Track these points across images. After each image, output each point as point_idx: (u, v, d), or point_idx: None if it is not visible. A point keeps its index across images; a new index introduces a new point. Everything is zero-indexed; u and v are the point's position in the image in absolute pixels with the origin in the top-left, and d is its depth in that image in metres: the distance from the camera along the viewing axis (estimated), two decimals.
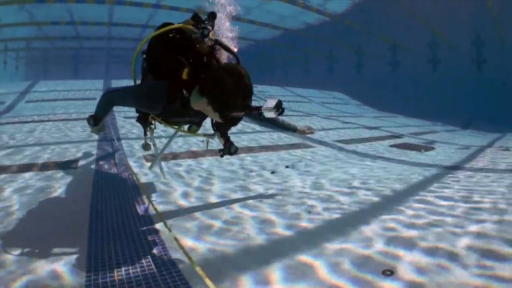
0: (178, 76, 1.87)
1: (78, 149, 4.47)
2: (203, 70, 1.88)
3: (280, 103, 1.87)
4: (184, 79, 1.87)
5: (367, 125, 9.68)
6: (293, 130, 2.79)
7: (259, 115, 1.93)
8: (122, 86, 2.34)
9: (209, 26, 1.94)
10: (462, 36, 17.18)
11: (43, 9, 15.97)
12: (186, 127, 2.71)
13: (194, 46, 1.96)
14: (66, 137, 5.38)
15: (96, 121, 2.24)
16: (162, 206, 2.52)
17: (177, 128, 2.65)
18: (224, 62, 2.00)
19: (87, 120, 2.26)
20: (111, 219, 2.25)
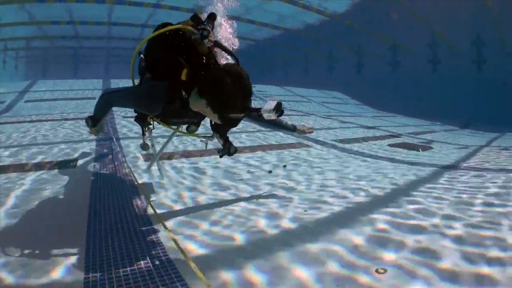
0: (177, 77, 1.87)
1: (77, 148, 4.49)
2: (202, 71, 1.88)
3: (280, 105, 1.87)
4: (183, 80, 1.87)
5: (366, 124, 9.69)
6: (292, 129, 2.77)
7: (259, 117, 1.92)
8: (121, 87, 2.35)
9: (208, 27, 1.94)
10: (462, 36, 17.19)
11: (43, 8, 15.98)
12: (184, 127, 2.72)
13: (193, 47, 1.95)
14: (64, 136, 5.39)
15: (94, 121, 2.24)
16: (160, 206, 2.53)
17: (175, 128, 2.65)
18: (223, 63, 2.00)
19: (86, 121, 2.26)
20: (110, 219, 2.26)
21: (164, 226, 2.12)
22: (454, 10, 16.41)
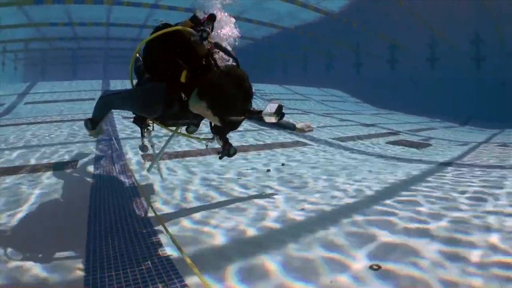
0: (176, 78, 1.86)
1: (77, 149, 4.51)
2: (202, 72, 1.86)
3: (280, 108, 1.87)
4: (182, 82, 1.86)
5: (365, 122, 9.71)
6: (292, 128, 2.76)
7: (260, 119, 1.93)
8: (120, 90, 2.33)
9: (208, 29, 1.92)
10: (461, 35, 17.18)
11: (41, 10, 15.98)
12: (183, 128, 2.72)
13: (192, 48, 1.93)
14: (64, 137, 5.41)
15: (93, 124, 2.23)
16: (160, 206, 2.55)
17: (174, 130, 2.66)
18: (222, 64, 1.98)
19: (85, 123, 2.25)
20: (109, 220, 2.28)
21: (163, 226, 2.14)
22: (454, 9, 16.40)
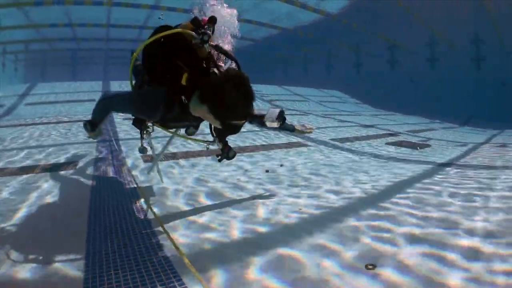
0: (177, 81, 1.84)
1: (77, 150, 4.52)
2: (202, 75, 1.86)
3: (282, 113, 1.87)
4: (182, 85, 1.84)
5: (364, 123, 9.71)
6: (291, 130, 2.73)
7: (261, 124, 1.93)
8: (119, 92, 2.32)
9: (209, 31, 1.90)
10: (461, 35, 17.19)
11: (41, 11, 16.01)
12: (182, 130, 2.73)
13: (193, 51, 1.92)
14: (65, 138, 5.43)
15: (92, 126, 2.22)
16: (159, 208, 2.56)
17: (173, 132, 2.66)
18: (222, 65, 1.98)
19: (84, 125, 2.24)
20: (109, 220, 2.29)
21: (163, 227, 2.15)
22: (453, 9, 16.41)
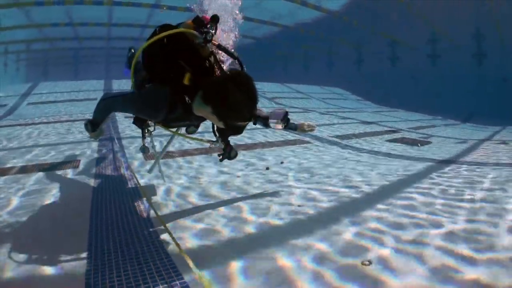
0: (180, 81, 1.82)
1: (79, 149, 4.55)
2: (205, 75, 1.85)
3: (286, 115, 1.86)
4: (185, 85, 1.82)
5: (365, 120, 9.71)
6: (293, 128, 2.72)
7: (265, 125, 1.92)
8: (121, 92, 2.31)
9: (211, 31, 1.89)
10: (462, 31, 17.12)
11: (42, 11, 16.05)
12: (183, 128, 2.74)
13: (196, 50, 1.90)
14: (66, 138, 5.46)
15: (94, 126, 2.22)
16: (161, 206, 2.58)
17: (174, 131, 2.67)
18: (225, 63, 1.98)
19: (85, 125, 2.23)
20: (111, 219, 2.31)
21: (164, 226, 2.16)
22: (454, 5, 16.33)
